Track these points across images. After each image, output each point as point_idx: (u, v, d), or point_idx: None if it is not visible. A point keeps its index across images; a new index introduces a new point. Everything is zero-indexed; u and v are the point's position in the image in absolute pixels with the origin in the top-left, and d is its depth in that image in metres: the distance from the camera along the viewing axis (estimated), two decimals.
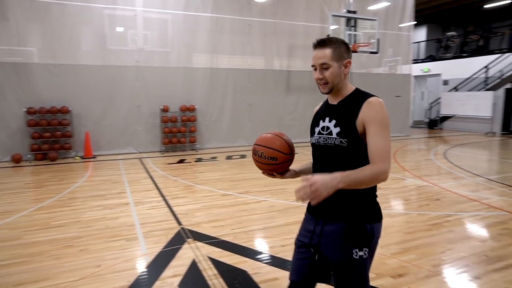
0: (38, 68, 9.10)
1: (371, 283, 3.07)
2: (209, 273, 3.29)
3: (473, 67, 15.94)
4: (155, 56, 10.38)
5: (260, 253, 3.74)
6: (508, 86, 14.64)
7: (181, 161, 9.16)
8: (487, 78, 15.44)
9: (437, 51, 19.56)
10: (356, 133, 1.71)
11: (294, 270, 1.92)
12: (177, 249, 3.80)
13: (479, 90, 15.53)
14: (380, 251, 3.78)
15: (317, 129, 1.89)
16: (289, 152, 1.95)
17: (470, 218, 4.79)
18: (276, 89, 11.98)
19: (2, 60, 8.80)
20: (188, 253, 3.72)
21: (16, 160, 8.83)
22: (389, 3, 13.53)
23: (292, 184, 6.80)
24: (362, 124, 1.70)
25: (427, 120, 18.37)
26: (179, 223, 4.63)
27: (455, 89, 16.74)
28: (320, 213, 1.83)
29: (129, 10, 9.90)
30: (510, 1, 17.21)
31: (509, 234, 4.20)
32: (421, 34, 22.83)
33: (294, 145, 2.05)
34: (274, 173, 1.97)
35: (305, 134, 12.52)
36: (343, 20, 11.08)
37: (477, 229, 4.42)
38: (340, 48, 1.78)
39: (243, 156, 9.81)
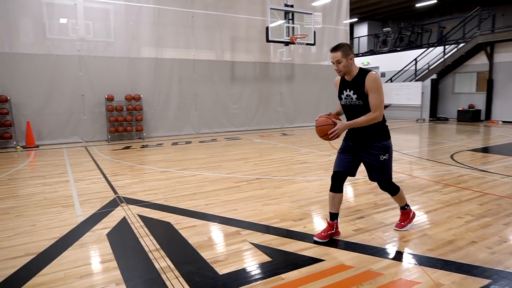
0: None
1: (277, 225, 3.71)
2: (136, 225, 3.75)
3: (406, 60, 17.41)
4: (98, 46, 10.45)
5: (185, 210, 4.26)
6: (433, 76, 16.21)
7: (126, 148, 9.41)
8: (416, 70, 16.95)
9: (376, 45, 21.03)
10: (366, 97, 3.07)
11: (337, 165, 3.32)
12: (110, 211, 4.22)
13: (410, 81, 17.02)
14: (289, 204, 4.45)
15: (343, 96, 3.25)
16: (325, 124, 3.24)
17: None
18: (220, 79, 12.48)
19: None
20: (120, 213, 4.15)
21: None
22: (329, 0, 14.48)
23: (227, 163, 7.37)
24: (367, 91, 3.05)
25: None
26: (116, 192, 5.02)
27: (390, 80, 18.19)
28: (356, 141, 3.26)
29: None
30: (436, 1, 18.94)
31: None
32: (363, 29, 24.37)
33: (240, 133, 2.95)
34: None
35: (251, 123, 13.21)
36: (282, 14, 11.80)
37: (375, 187, 5.21)
38: (346, 49, 3.06)
39: (188, 142, 10.24)
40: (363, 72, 3.10)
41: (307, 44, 11.79)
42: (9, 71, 9.33)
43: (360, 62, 20.42)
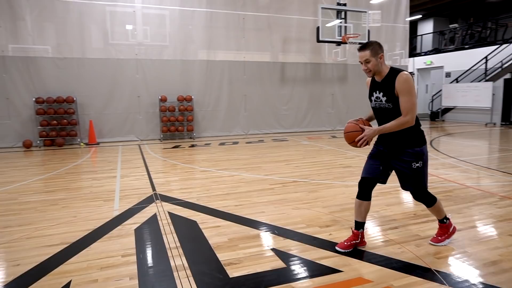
0: (46, 61, 9.93)
1: (301, 231, 3.59)
2: (164, 222, 3.87)
3: (475, 58, 15.97)
4: (153, 50, 11.04)
5: (214, 210, 4.29)
6: (507, 76, 14.64)
7: (176, 147, 9.81)
8: (486, 69, 15.46)
9: (441, 43, 19.56)
10: (396, 99, 2.83)
11: (365, 171, 3.10)
12: (144, 207, 4.41)
13: (479, 81, 15.56)
14: (321, 209, 4.28)
15: (372, 98, 3.03)
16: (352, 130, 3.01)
17: None
18: (270, 80, 12.48)
19: (13, 55, 9.66)
20: (153, 209, 4.31)
21: (27, 145, 9.69)
22: None
23: (268, 164, 7.33)
24: (397, 93, 2.80)
25: (429, 112, 18.45)
26: (154, 189, 5.24)
27: (456, 80, 16.80)
28: (387, 146, 3.02)
29: (129, 7, 10.60)
30: None
31: (447, 199, 4.60)
32: (428, 27, 22.81)
33: (288, 134, 3.01)
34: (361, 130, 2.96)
35: (301, 124, 13.03)
36: (335, 13, 11.48)
37: None
38: (375, 48, 2.85)
39: (235, 143, 10.38)
40: (394, 72, 2.86)
41: (360, 43, 11.29)
42: (76, 75, 10.23)
43: (422, 61, 19.17)
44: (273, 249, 3.17)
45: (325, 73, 13.32)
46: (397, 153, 2.99)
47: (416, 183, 3.01)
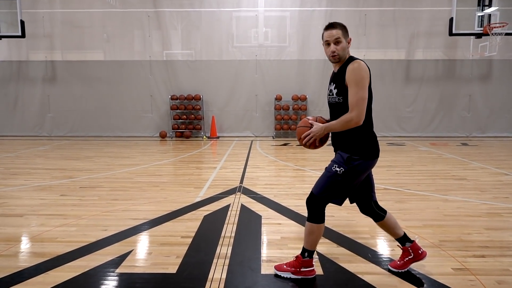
0: (180, 64, 11.50)
1: (361, 241, 3.36)
2: (232, 213, 4.11)
3: None
4: (273, 50, 11.54)
5: (283, 207, 4.32)
6: None
7: (284, 145, 10.07)
8: None
9: None
10: (346, 92, 2.39)
11: None
12: (224, 197, 4.75)
13: None
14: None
15: (328, 92, 2.62)
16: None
17: None
18: (393, 80, 11.56)
19: (156, 59, 11.51)
20: (229, 200, 4.61)
21: (162, 135, 11.44)
22: None
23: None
24: (347, 84, 2.38)
25: None
26: (241, 182, 5.56)
27: None
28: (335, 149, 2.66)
29: (252, 11, 11.33)
30: None
31: None
32: None
33: (409, 139, 2.89)
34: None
35: (427, 128, 11.73)
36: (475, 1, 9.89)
37: None
38: (345, 29, 2.50)
39: None
40: (348, 61, 2.44)
41: (507, 34, 9.43)
42: (204, 75, 11.54)
43: None
44: (320, 254, 3.04)
45: (461, 71, 11.58)
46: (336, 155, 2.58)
47: (319, 184, 2.57)
